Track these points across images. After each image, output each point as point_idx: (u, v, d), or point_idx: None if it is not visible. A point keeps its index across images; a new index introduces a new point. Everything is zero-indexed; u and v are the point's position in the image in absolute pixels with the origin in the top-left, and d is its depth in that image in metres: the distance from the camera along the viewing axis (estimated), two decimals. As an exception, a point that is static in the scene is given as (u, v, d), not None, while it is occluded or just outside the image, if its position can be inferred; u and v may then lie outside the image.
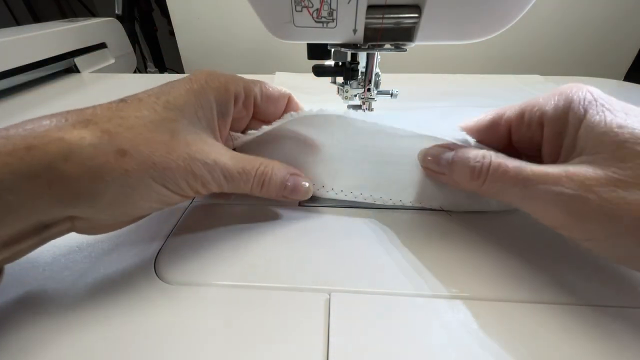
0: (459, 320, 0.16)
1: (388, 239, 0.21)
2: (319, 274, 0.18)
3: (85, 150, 0.14)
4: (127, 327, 0.16)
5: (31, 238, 0.15)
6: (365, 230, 0.22)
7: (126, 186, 0.15)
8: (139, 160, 0.15)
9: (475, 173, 0.18)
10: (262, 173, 0.20)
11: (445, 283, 0.18)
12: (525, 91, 0.50)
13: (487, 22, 0.21)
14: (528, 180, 0.16)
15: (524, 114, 0.19)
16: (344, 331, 0.15)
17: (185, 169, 0.17)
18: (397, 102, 0.44)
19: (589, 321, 0.16)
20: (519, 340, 0.15)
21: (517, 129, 0.20)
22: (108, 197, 0.15)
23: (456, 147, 0.20)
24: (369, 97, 0.28)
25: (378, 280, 0.18)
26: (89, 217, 0.16)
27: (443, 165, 0.20)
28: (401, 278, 0.18)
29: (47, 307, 0.17)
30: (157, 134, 0.16)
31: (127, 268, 0.19)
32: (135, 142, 0.16)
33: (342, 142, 0.23)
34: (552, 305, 0.17)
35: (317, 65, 0.28)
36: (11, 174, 0.13)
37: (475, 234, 0.21)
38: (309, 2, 0.20)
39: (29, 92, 0.52)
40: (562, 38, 0.71)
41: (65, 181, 0.14)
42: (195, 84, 0.19)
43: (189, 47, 0.81)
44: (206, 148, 0.18)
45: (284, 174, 0.21)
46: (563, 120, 0.17)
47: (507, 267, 0.19)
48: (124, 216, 0.17)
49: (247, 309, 0.17)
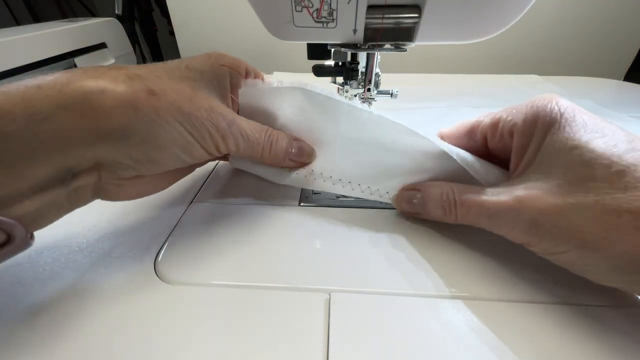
0: (459, 320, 0.16)
1: (388, 239, 0.21)
2: (319, 274, 0.18)
3: (120, 86, 0.15)
4: (127, 327, 0.16)
5: (57, 187, 0.15)
6: (366, 230, 0.22)
7: (155, 123, 0.16)
8: (167, 102, 0.17)
9: (446, 211, 0.20)
10: (269, 136, 0.22)
11: (446, 283, 0.18)
12: (523, 91, 0.50)
13: (487, 22, 0.21)
14: (490, 213, 0.18)
15: (498, 124, 0.20)
16: (344, 331, 0.15)
17: (208, 118, 0.18)
18: (397, 102, 0.44)
19: (588, 321, 0.16)
20: (520, 340, 0.15)
21: (492, 138, 0.21)
22: (138, 134, 0.16)
23: (422, 187, 0.22)
24: (369, 97, 0.28)
25: (378, 280, 0.18)
26: (116, 162, 0.16)
27: (417, 207, 0.21)
28: (401, 278, 0.18)
29: (47, 306, 0.17)
30: (182, 85, 0.18)
31: (127, 268, 0.19)
32: (163, 87, 0.17)
33: (345, 132, 0.23)
34: (553, 306, 0.17)
35: (317, 65, 0.28)
36: (49, 104, 0.14)
37: (476, 234, 0.21)
38: (309, 2, 0.20)
39: (29, 92, 0.52)
40: (562, 38, 0.71)
41: (99, 112, 0.15)
42: (212, 58, 0.21)
43: (189, 47, 0.81)
44: (223, 107, 0.20)
45: (287, 139, 0.23)
46: (529, 133, 0.18)
47: (508, 267, 0.19)
48: (151, 165, 0.17)
49: (247, 309, 0.17)
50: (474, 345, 0.15)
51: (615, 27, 0.69)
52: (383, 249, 0.20)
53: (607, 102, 0.44)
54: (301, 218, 0.23)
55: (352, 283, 0.18)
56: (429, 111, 0.42)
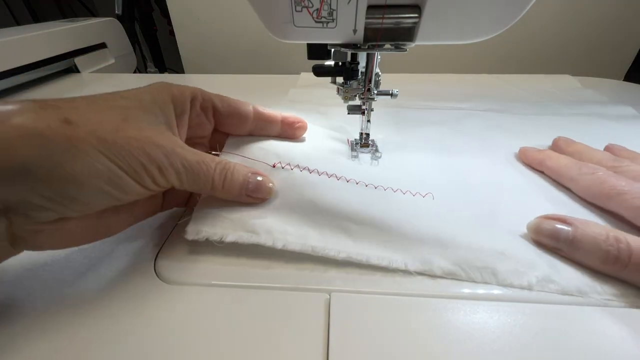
0: (460, 319, 0.16)
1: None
2: (319, 274, 0.18)
3: (26, 116, 0.13)
4: (127, 327, 0.16)
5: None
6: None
7: (68, 153, 0.14)
8: (85, 131, 0.14)
9: (610, 258, 0.17)
10: (223, 167, 0.19)
11: (446, 282, 0.18)
12: (553, 95, 0.47)
13: (487, 22, 0.21)
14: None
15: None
16: (344, 331, 0.15)
17: (138, 149, 0.16)
18: (419, 101, 0.44)
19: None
20: (520, 340, 0.15)
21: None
22: (46, 167, 0.13)
23: (575, 221, 0.19)
24: (369, 97, 0.28)
25: (378, 280, 0.18)
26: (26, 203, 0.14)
27: (562, 243, 0.18)
28: (401, 278, 0.18)
29: (47, 307, 0.17)
30: (107, 114, 0.16)
31: (127, 268, 0.19)
32: (82, 116, 0.15)
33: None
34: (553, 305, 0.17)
35: (317, 65, 0.28)
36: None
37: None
38: (309, 2, 0.20)
39: (29, 92, 0.52)
40: (562, 38, 0.71)
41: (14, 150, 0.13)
42: (153, 86, 0.19)
43: (189, 47, 0.81)
44: (163, 136, 0.17)
45: (245, 171, 0.20)
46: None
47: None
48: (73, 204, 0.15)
49: (247, 309, 0.17)
50: (475, 345, 0.15)
51: (615, 27, 0.69)
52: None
53: (607, 102, 0.43)
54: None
55: (352, 283, 0.18)
56: (452, 112, 0.41)
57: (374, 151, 0.30)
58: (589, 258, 0.18)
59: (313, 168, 0.22)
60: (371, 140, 0.31)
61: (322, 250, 0.19)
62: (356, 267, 0.19)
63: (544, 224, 0.19)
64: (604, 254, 0.17)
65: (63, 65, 0.60)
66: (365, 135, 0.30)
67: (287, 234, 0.19)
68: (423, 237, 0.20)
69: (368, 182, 0.23)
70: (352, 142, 0.31)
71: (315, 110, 0.41)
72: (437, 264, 0.18)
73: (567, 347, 0.15)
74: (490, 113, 0.41)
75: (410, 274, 0.18)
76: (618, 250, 0.17)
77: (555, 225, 0.19)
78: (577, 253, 0.18)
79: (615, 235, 0.17)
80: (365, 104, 0.28)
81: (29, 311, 0.17)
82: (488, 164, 0.29)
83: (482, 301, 0.17)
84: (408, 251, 0.19)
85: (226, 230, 0.19)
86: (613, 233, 0.17)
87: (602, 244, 0.17)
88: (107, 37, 0.70)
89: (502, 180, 0.27)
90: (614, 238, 0.17)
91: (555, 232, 0.19)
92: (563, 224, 0.19)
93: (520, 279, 0.17)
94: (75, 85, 0.57)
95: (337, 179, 0.22)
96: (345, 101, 0.29)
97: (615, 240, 0.17)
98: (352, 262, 0.19)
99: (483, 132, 0.36)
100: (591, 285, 0.17)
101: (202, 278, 0.18)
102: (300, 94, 0.49)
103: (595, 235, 0.18)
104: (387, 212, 0.21)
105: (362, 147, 0.31)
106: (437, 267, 0.18)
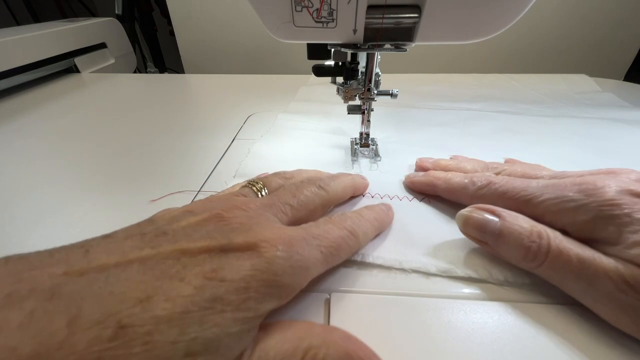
0: (460, 319, 0.16)
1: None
2: (319, 274, 0.18)
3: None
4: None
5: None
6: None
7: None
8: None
9: (530, 254, 0.16)
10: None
11: (446, 282, 0.18)
12: (564, 95, 0.46)
13: (487, 22, 0.21)
14: (594, 278, 0.14)
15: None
16: (344, 331, 0.15)
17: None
18: (427, 102, 0.43)
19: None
20: (522, 340, 0.15)
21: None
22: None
23: (504, 214, 0.17)
24: (369, 97, 0.28)
25: (378, 280, 0.18)
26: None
27: (488, 235, 0.17)
28: (401, 278, 0.18)
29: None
30: None
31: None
32: None
33: None
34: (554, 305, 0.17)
35: (317, 65, 0.28)
36: None
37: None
38: (309, 2, 0.20)
39: (29, 92, 0.52)
40: (562, 38, 0.71)
41: None
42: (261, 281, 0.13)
43: (189, 47, 0.82)
44: None
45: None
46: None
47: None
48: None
49: (247, 309, 0.17)
50: (475, 345, 0.15)
51: (615, 27, 0.69)
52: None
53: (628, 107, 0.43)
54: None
55: (352, 283, 0.18)
56: (460, 113, 0.41)
57: (373, 155, 0.30)
58: (511, 253, 0.17)
59: None
60: (371, 140, 0.31)
61: None
62: (356, 267, 0.19)
63: (475, 213, 0.18)
64: (524, 250, 0.16)
65: (63, 65, 0.60)
66: (365, 135, 0.31)
67: None
68: (417, 241, 0.20)
69: (366, 192, 0.25)
70: (352, 141, 0.32)
71: (323, 111, 0.41)
72: (432, 263, 0.18)
73: (567, 347, 0.15)
74: (501, 114, 0.40)
75: (409, 275, 0.18)
76: (538, 247, 0.16)
77: (485, 215, 0.18)
78: (500, 249, 0.17)
79: (539, 230, 0.16)
80: (365, 104, 0.28)
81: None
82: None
83: (482, 301, 0.17)
84: (402, 252, 0.19)
85: None
86: (537, 228, 0.16)
87: (524, 240, 0.16)
88: (107, 37, 0.71)
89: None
90: (537, 234, 0.16)
91: (483, 223, 0.18)
92: (492, 214, 0.18)
93: (516, 276, 0.18)
94: (75, 85, 0.57)
95: None
96: (345, 101, 0.29)
97: (538, 236, 0.16)
98: (351, 262, 0.19)
99: (488, 134, 0.35)
100: None
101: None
102: (309, 92, 0.49)
103: (520, 230, 0.17)
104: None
105: (362, 147, 0.31)
106: (432, 265, 0.18)
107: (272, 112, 0.41)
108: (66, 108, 0.46)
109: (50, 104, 0.48)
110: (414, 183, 0.25)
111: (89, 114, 0.44)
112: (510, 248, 0.17)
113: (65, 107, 0.47)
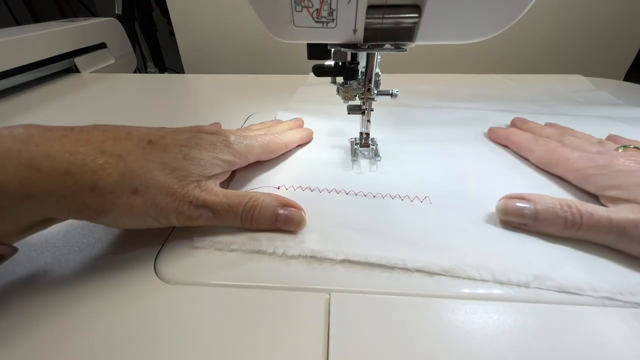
0: (460, 319, 0.16)
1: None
2: (319, 274, 0.18)
3: (108, 186, 0.17)
4: (127, 327, 0.16)
5: (41, 227, 0.18)
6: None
7: (125, 215, 0.18)
8: (146, 199, 0.18)
9: (568, 223, 0.19)
10: (250, 207, 0.21)
11: (446, 282, 0.18)
12: (563, 95, 0.46)
13: (487, 22, 0.21)
14: (621, 229, 0.18)
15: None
16: (344, 331, 0.15)
17: (177, 209, 0.19)
18: (428, 101, 0.43)
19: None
20: (520, 340, 0.15)
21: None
22: (110, 218, 0.18)
23: (533, 197, 0.21)
24: (369, 97, 0.28)
25: (378, 280, 0.18)
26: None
27: (528, 218, 0.20)
28: (401, 278, 0.18)
29: (48, 307, 0.17)
30: (169, 179, 0.19)
31: (127, 268, 0.19)
32: (147, 184, 0.18)
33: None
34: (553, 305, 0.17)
35: (317, 65, 0.28)
36: (45, 192, 0.15)
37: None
38: (309, 2, 0.20)
39: (29, 92, 0.52)
40: (562, 38, 0.71)
41: (83, 205, 0.17)
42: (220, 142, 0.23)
43: (189, 47, 0.81)
44: (202, 192, 0.20)
45: (274, 205, 0.21)
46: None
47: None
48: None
49: (247, 309, 0.17)
50: (475, 345, 0.15)
51: (615, 27, 0.69)
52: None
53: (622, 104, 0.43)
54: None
55: (352, 283, 0.18)
56: (458, 112, 0.41)
57: (373, 155, 0.30)
58: (551, 227, 0.20)
59: (314, 187, 0.25)
60: (371, 140, 0.31)
61: (320, 253, 0.19)
62: (356, 267, 0.19)
63: (510, 203, 0.21)
64: (563, 220, 0.19)
65: (63, 65, 0.60)
66: (365, 135, 0.30)
67: (287, 241, 0.20)
68: (419, 240, 0.20)
69: (367, 192, 0.25)
70: (352, 141, 0.32)
71: (322, 111, 0.41)
72: (435, 262, 0.18)
73: (567, 347, 0.15)
74: (499, 113, 0.40)
75: (411, 274, 0.18)
76: (572, 215, 0.19)
77: (516, 203, 0.21)
78: (540, 225, 0.20)
79: (566, 201, 0.20)
80: (365, 104, 0.28)
81: (28, 311, 0.17)
82: (487, 165, 0.29)
83: (482, 301, 0.17)
84: (405, 252, 0.19)
85: (230, 239, 0.20)
86: (563, 201, 0.20)
87: (559, 212, 0.19)
88: (107, 37, 0.71)
89: (499, 179, 0.27)
90: (566, 204, 0.20)
91: (520, 210, 0.20)
92: (523, 201, 0.21)
93: (517, 276, 0.18)
94: (75, 85, 0.57)
95: (337, 193, 0.25)
96: (345, 101, 0.29)
97: (567, 206, 0.20)
98: (351, 262, 0.19)
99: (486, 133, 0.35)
100: (588, 282, 0.17)
101: (202, 278, 0.18)
102: (307, 92, 0.49)
103: (552, 206, 0.20)
104: (385, 218, 0.22)
105: (362, 146, 0.31)
106: (435, 264, 0.18)
107: (271, 112, 0.41)
108: (66, 108, 0.46)
109: (50, 104, 0.48)
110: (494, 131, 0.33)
111: (89, 114, 0.44)
112: (550, 222, 0.20)
113: (65, 107, 0.47)
